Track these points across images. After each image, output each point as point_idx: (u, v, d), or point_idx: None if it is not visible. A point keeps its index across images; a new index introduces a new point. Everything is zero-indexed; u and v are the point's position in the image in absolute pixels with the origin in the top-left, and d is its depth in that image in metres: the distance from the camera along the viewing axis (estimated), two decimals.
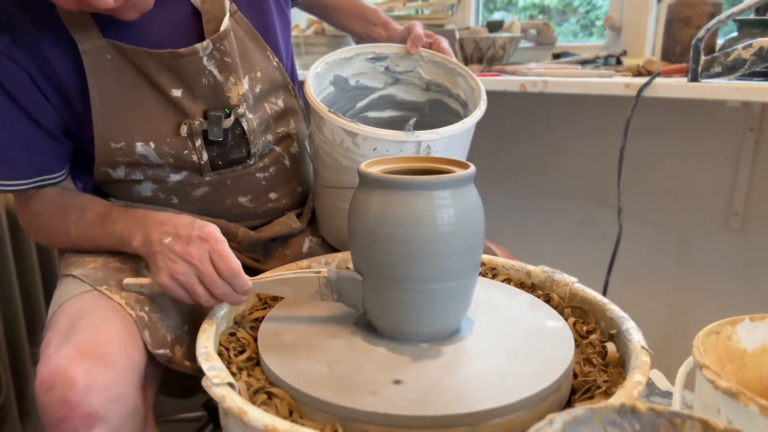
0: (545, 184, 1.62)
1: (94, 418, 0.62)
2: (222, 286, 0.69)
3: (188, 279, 0.69)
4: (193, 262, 0.68)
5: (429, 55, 0.97)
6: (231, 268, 0.68)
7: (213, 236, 0.69)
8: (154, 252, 0.71)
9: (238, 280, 0.69)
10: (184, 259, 0.68)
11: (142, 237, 0.73)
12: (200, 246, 0.69)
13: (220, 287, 0.69)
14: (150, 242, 0.72)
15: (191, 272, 0.68)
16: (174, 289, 0.70)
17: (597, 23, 1.70)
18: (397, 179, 0.61)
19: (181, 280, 0.69)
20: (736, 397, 0.48)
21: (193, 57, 0.78)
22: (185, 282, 0.69)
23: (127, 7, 0.70)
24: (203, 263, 0.68)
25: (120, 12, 0.70)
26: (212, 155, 0.84)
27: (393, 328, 0.65)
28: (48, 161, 0.81)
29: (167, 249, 0.70)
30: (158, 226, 0.73)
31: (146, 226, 0.74)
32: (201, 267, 0.68)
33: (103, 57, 0.76)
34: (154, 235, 0.72)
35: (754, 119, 1.29)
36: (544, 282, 0.82)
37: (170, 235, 0.71)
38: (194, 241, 0.69)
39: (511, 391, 0.55)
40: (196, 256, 0.68)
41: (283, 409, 0.57)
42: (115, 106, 0.78)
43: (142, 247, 0.73)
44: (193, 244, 0.69)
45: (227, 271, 0.68)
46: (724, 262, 1.40)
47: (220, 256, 0.68)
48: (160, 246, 0.70)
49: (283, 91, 0.92)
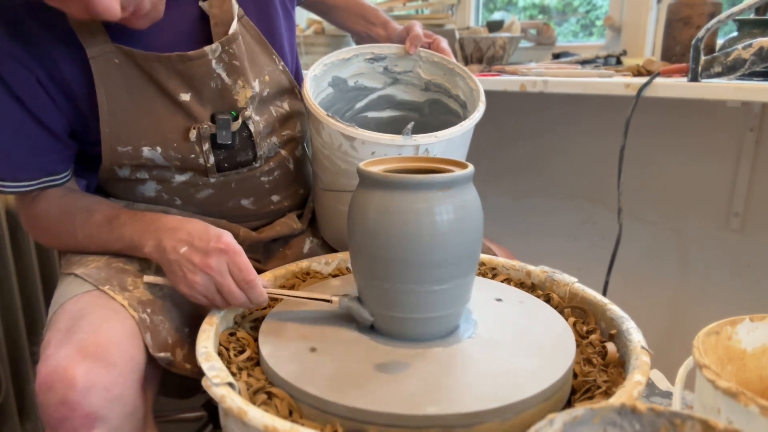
0: (545, 184, 1.62)
1: (94, 419, 0.62)
2: (239, 296, 0.70)
3: (208, 290, 0.70)
4: (213, 275, 0.69)
5: (428, 55, 0.97)
6: (249, 279, 0.69)
7: (231, 247, 0.70)
8: (170, 260, 0.71)
9: (254, 292, 0.70)
10: (204, 271, 0.69)
11: (154, 243, 0.73)
12: (219, 258, 0.69)
13: (237, 297, 0.70)
14: (164, 249, 0.72)
15: (210, 283, 0.69)
16: (193, 296, 0.71)
17: (597, 23, 1.70)
18: (397, 179, 0.61)
19: (201, 291, 0.70)
20: (736, 398, 0.48)
21: (202, 60, 0.78)
22: (205, 291, 0.70)
23: (138, 17, 0.70)
24: (223, 275, 0.69)
25: (130, 21, 0.70)
26: (219, 158, 0.84)
27: (391, 327, 0.65)
28: (53, 162, 0.81)
29: (184, 259, 0.70)
30: (171, 233, 0.73)
31: (158, 231, 0.74)
32: (220, 279, 0.69)
33: (111, 62, 0.76)
34: (167, 243, 0.72)
35: (754, 119, 1.29)
36: (544, 282, 0.82)
37: (185, 243, 0.71)
38: (213, 253, 0.69)
39: (511, 391, 0.55)
40: (215, 268, 0.69)
41: (283, 409, 0.57)
42: (123, 111, 0.78)
43: (155, 253, 0.73)
44: (212, 256, 0.69)
45: (245, 283, 0.69)
46: (724, 262, 1.40)
47: (239, 269, 0.69)
48: (176, 255, 0.71)
49: (288, 94, 0.92)
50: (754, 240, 1.35)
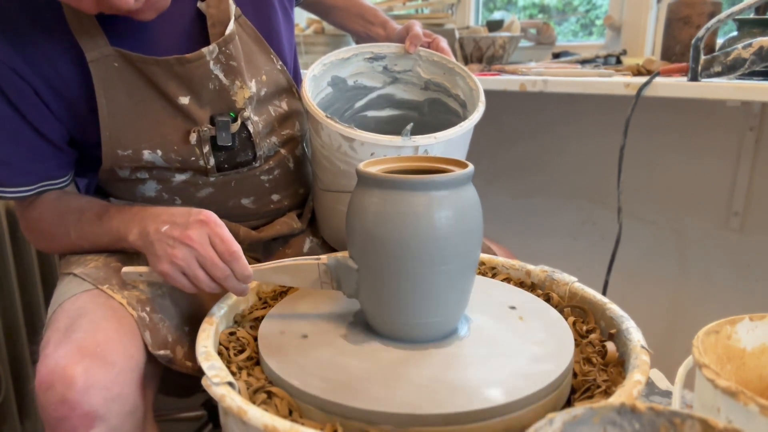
0: (545, 183, 1.62)
1: (93, 417, 0.62)
2: (223, 269, 0.67)
3: (188, 263, 0.67)
4: (193, 246, 0.67)
5: (427, 54, 0.97)
6: (232, 251, 0.67)
7: (212, 219, 0.68)
8: (152, 242, 0.69)
9: (238, 264, 0.67)
10: (184, 243, 0.67)
11: (138, 230, 0.72)
12: (200, 229, 0.67)
13: (221, 270, 0.67)
14: (146, 233, 0.70)
15: (191, 256, 0.67)
16: (174, 275, 0.68)
17: (597, 23, 1.70)
18: (396, 179, 0.61)
19: (181, 265, 0.67)
20: (736, 397, 0.48)
21: (199, 62, 0.78)
22: (185, 267, 0.67)
23: (147, 7, 0.69)
24: (203, 246, 0.67)
25: (139, 13, 0.70)
26: (219, 160, 0.84)
27: (391, 328, 0.65)
28: (51, 169, 0.81)
29: (165, 236, 0.68)
30: (154, 218, 0.72)
31: (143, 219, 0.73)
32: (201, 250, 0.67)
33: (111, 65, 0.76)
34: (150, 226, 0.70)
35: (754, 119, 1.29)
36: (543, 281, 0.82)
37: (167, 223, 0.69)
38: (193, 225, 0.68)
39: (510, 390, 0.55)
40: (196, 239, 0.67)
41: (283, 409, 0.57)
42: (123, 114, 0.78)
43: (139, 240, 0.72)
44: (192, 228, 0.67)
45: (228, 254, 0.67)
46: (723, 262, 1.40)
47: (220, 239, 0.67)
48: (158, 235, 0.69)
49: (287, 94, 0.92)
50: (754, 240, 1.35)
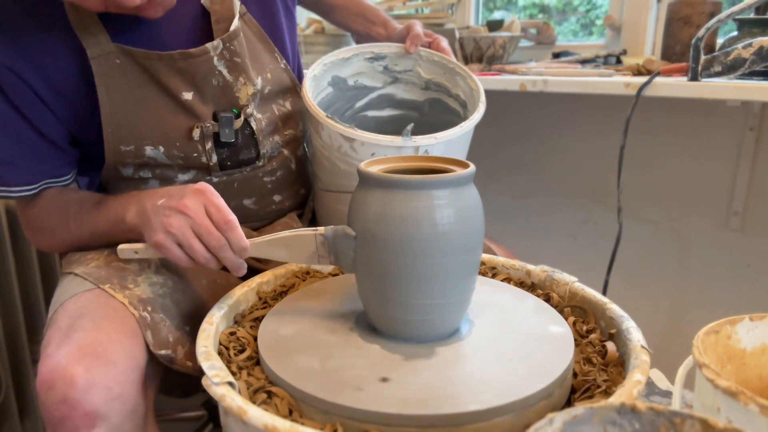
0: (545, 183, 1.62)
1: (94, 417, 0.62)
2: (218, 238, 0.67)
3: (183, 232, 0.67)
4: (189, 214, 0.66)
5: (428, 54, 0.97)
6: (228, 220, 0.67)
7: (208, 189, 0.68)
8: (149, 216, 0.69)
9: (234, 234, 0.67)
10: (180, 211, 0.67)
11: (136, 208, 0.72)
12: (195, 198, 0.67)
13: (216, 239, 0.67)
14: (144, 210, 0.70)
15: (186, 224, 0.67)
16: (169, 246, 0.68)
17: (597, 22, 1.70)
18: (397, 179, 0.61)
19: (176, 234, 0.67)
20: (736, 397, 0.48)
21: (204, 57, 0.78)
22: (180, 236, 0.67)
23: (153, 5, 0.70)
24: (198, 215, 0.66)
25: (145, 10, 0.70)
26: (222, 157, 0.84)
27: (392, 328, 0.65)
28: (53, 168, 0.82)
29: (161, 208, 0.68)
30: (151, 195, 0.72)
31: (141, 199, 0.73)
32: (196, 218, 0.66)
33: (112, 62, 0.76)
34: (147, 203, 0.71)
35: (754, 119, 1.29)
36: (543, 281, 0.82)
37: (164, 197, 0.69)
38: (189, 194, 0.68)
39: (510, 390, 0.55)
40: (191, 207, 0.66)
41: (283, 409, 0.57)
42: (125, 111, 0.78)
43: (137, 218, 0.72)
44: (188, 197, 0.67)
45: (223, 223, 0.67)
46: (723, 262, 1.40)
47: (216, 208, 0.67)
48: (155, 209, 0.69)
49: (290, 93, 0.92)
50: (754, 239, 1.35)
